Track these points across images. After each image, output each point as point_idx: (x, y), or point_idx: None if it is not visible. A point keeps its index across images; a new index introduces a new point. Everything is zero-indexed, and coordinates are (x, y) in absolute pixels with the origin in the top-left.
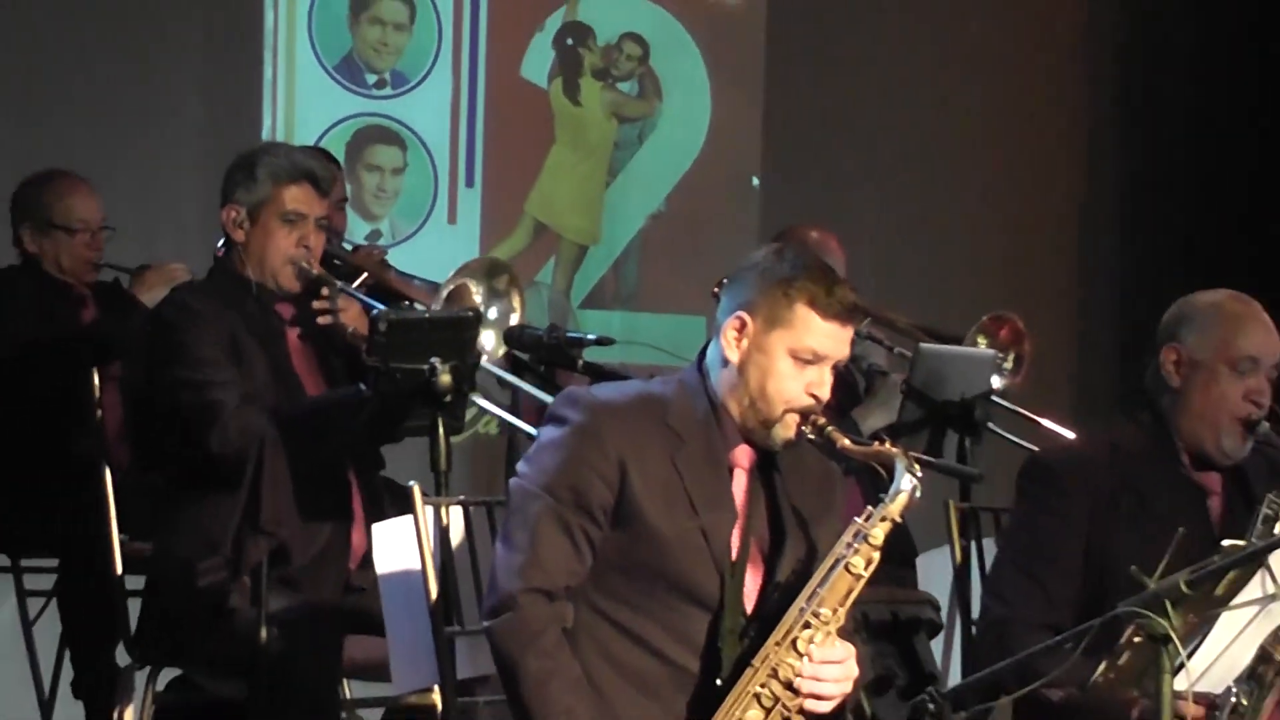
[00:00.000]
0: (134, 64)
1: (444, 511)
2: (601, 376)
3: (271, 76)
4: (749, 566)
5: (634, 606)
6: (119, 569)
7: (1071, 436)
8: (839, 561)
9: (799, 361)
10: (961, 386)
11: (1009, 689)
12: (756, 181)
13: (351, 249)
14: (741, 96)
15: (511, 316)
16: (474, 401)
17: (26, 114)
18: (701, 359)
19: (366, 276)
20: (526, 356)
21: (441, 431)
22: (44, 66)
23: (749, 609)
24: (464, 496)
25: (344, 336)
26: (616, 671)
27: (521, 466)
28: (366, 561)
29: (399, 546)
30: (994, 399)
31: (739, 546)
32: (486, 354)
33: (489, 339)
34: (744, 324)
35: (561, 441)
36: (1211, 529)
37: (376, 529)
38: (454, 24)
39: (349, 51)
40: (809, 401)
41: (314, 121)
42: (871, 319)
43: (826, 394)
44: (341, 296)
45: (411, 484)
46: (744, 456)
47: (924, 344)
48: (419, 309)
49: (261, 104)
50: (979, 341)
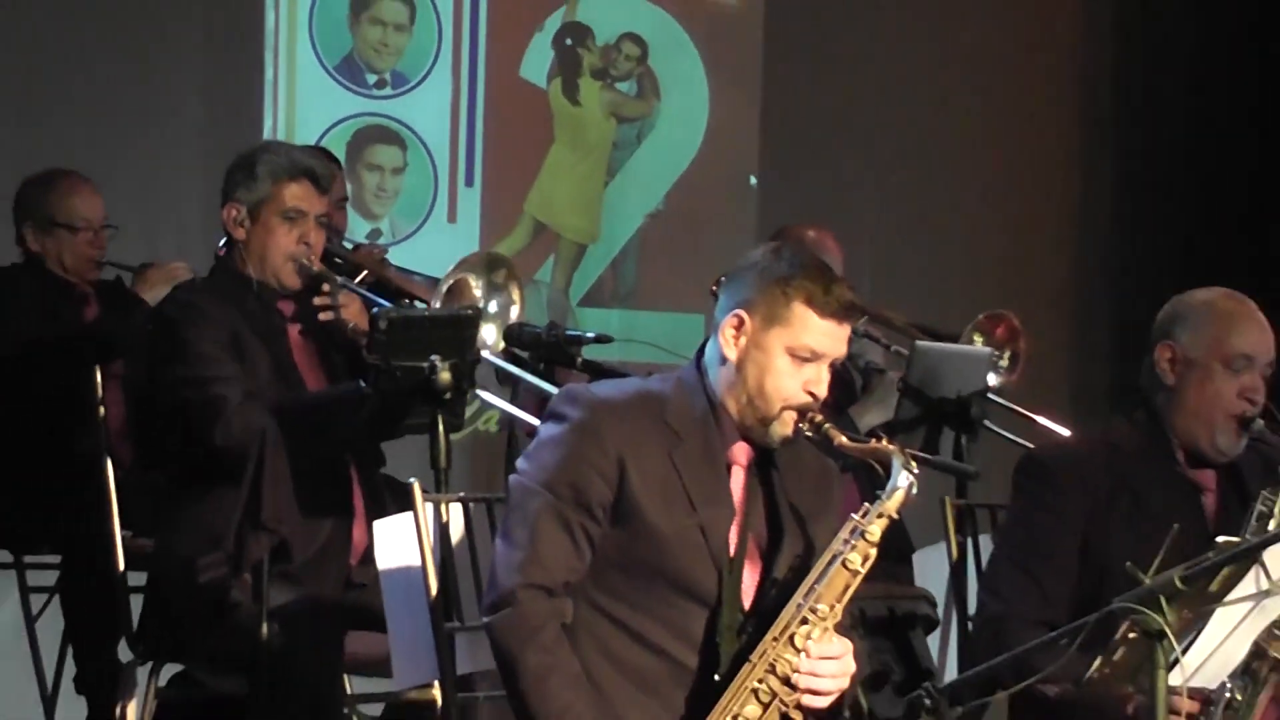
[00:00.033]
0: (135, 64)
1: (444, 508)
2: (600, 374)
3: (272, 77)
4: (747, 563)
5: (633, 603)
6: (121, 566)
7: (1067, 434)
8: (836, 558)
9: (797, 359)
10: (958, 384)
11: (1005, 684)
12: (754, 181)
13: (352, 247)
14: (739, 96)
15: (511, 309)
16: (476, 394)
17: (28, 114)
18: (700, 357)
19: (367, 274)
20: (526, 354)
21: (441, 429)
22: (46, 67)
23: (747, 605)
24: (464, 493)
25: (345, 332)
26: (615, 668)
27: (521, 463)
28: (368, 558)
29: (400, 543)
30: (990, 396)
31: (737, 543)
32: (488, 347)
33: (489, 332)
34: (742, 322)
35: (561, 439)
36: (1206, 525)
37: (378, 525)
38: (454, 24)
39: (349, 52)
40: (806, 399)
41: (315, 121)
42: (868, 317)
43: (824, 391)
44: (342, 293)
45: (411, 481)
46: (742, 454)
47: (920, 342)
48: (419, 307)
49: (262, 104)
50: (975, 339)
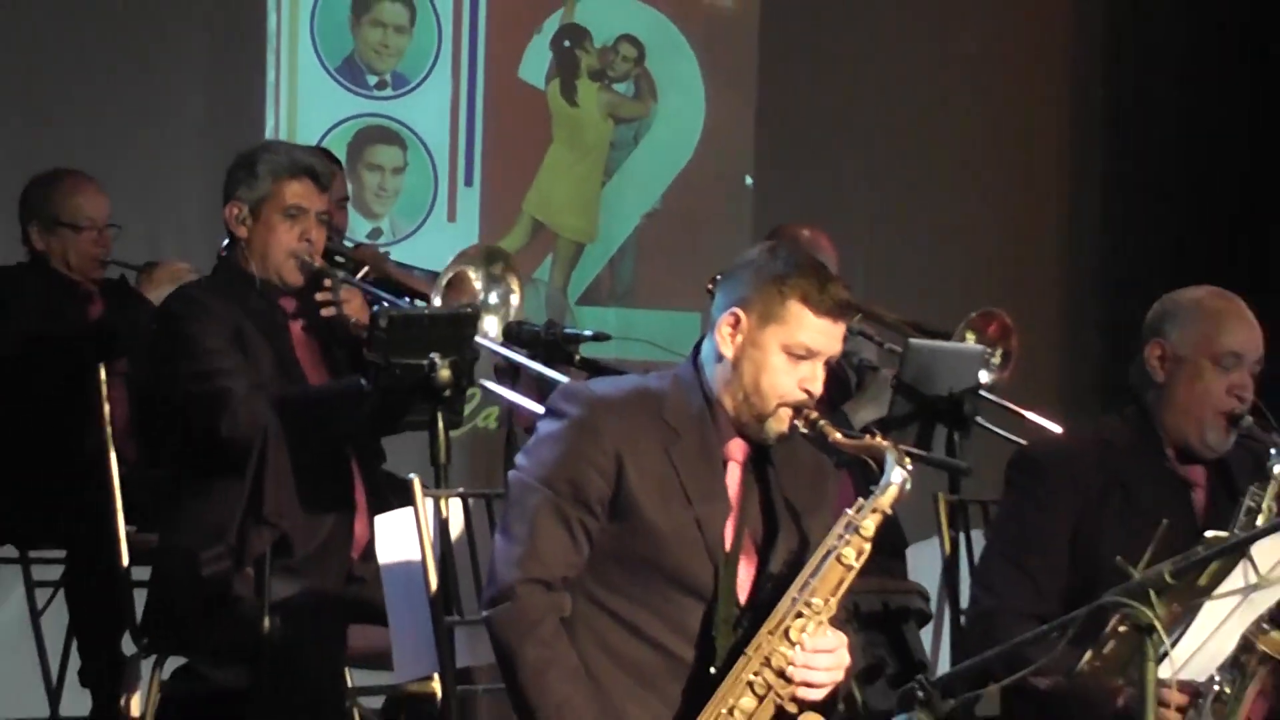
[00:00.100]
0: (137, 65)
1: (444, 504)
2: (598, 372)
3: (274, 78)
4: (743, 557)
5: (630, 597)
6: (125, 560)
7: (1058, 431)
8: (831, 552)
9: (792, 357)
10: (950, 381)
11: (997, 677)
12: (750, 180)
13: (353, 246)
14: (735, 97)
15: (511, 298)
16: (479, 384)
17: (30, 114)
18: (696, 354)
19: (368, 270)
20: (525, 352)
21: (441, 425)
22: (48, 67)
23: (743, 599)
24: (463, 489)
25: (347, 328)
26: (613, 661)
27: (520, 460)
28: (369, 552)
29: (401, 538)
30: (982, 393)
31: (733, 538)
32: (489, 338)
33: (490, 324)
34: (738, 320)
35: (559, 435)
36: (1195, 521)
37: (379, 520)
38: (453, 26)
39: (350, 53)
40: (802, 396)
41: (316, 122)
42: (862, 315)
43: (819, 389)
44: (344, 288)
45: (411, 476)
46: (738, 450)
47: (914, 339)
48: (419, 306)
49: (264, 105)
50: (968, 337)
